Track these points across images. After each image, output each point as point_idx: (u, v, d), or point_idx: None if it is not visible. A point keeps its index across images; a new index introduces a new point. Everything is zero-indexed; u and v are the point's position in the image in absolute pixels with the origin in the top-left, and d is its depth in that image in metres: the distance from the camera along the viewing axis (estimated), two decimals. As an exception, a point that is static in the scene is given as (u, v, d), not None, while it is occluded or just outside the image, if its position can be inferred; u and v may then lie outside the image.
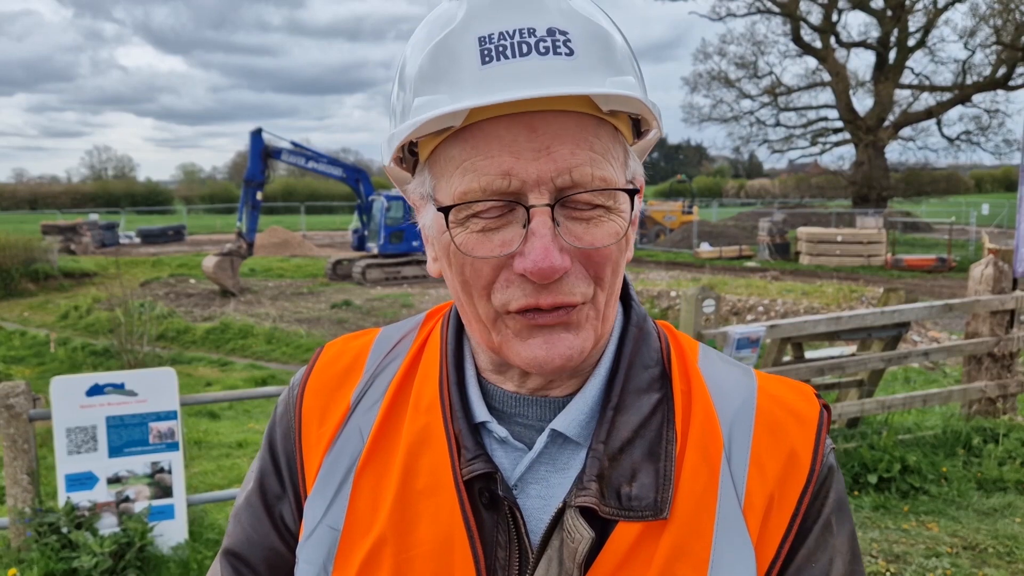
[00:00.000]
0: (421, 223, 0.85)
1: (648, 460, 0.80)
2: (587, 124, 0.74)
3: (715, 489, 0.80)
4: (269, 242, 29.16)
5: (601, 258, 0.76)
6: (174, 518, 4.50)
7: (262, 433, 8.23)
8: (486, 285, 0.77)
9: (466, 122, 0.73)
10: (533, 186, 0.73)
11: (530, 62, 0.72)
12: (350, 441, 0.88)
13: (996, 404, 6.17)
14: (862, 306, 15.24)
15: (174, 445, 4.51)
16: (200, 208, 55.20)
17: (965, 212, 35.55)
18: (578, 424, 0.83)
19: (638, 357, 0.86)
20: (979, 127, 35.91)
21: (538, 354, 0.77)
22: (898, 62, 35.15)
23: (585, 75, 0.73)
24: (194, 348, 15.24)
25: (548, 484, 0.82)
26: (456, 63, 0.74)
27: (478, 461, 0.81)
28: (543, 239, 0.73)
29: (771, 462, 0.82)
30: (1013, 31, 32.20)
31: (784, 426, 0.85)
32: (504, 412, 0.86)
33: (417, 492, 0.83)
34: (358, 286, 21.51)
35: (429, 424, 0.85)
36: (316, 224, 45.39)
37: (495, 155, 0.73)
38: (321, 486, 0.88)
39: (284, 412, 0.96)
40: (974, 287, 6.20)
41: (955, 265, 23.20)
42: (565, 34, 0.73)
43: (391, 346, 0.96)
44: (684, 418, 0.83)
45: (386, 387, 0.91)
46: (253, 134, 20.32)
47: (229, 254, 20.08)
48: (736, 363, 0.93)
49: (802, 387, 0.91)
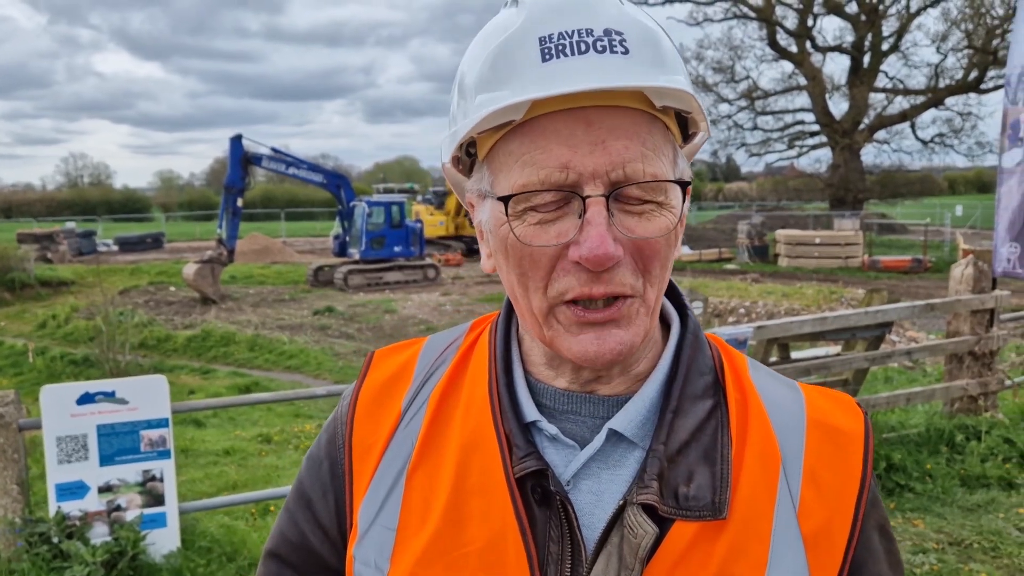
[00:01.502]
0: (478, 220, 0.88)
1: (704, 463, 0.83)
2: (640, 121, 0.78)
3: (773, 495, 0.83)
4: (249, 249, 28.98)
5: (651, 251, 0.80)
6: (166, 526, 4.47)
7: (248, 440, 8.20)
8: (544, 276, 0.80)
9: (526, 117, 0.77)
10: (589, 179, 0.76)
11: (588, 59, 0.76)
12: (402, 445, 0.91)
13: (977, 402, 6.27)
14: (842, 307, 15.41)
15: (166, 453, 4.49)
16: (178, 215, 54.71)
17: (939, 213, 36.04)
18: (635, 424, 0.85)
19: (695, 364, 0.89)
20: (952, 130, 36.35)
21: (589, 348, 0.80)
22: (872, 66, 35.57)
23: (640, 72, 0.77)
24: (175, 356, 15.13)
25: (600, 480, 0.85)
26: (518, 62, 0.78)
27: (530, 459, 0.84)
28: (598, 227, 0.76)
29: (824, 476, 0.86)
30: (984, 35, 32.69)
31: (834, 442, 0.88)
32: (554, 409, 0.88)
33: (469, 491, 0.85)
34: (340, 292, 21.45)
35: (480, 425, 0.88)
36: (296, 230, 45.17)
37: (553, 148, 0.77)
38: (375, 489, 0.91)
39: (332, 421, 1.00)
40: (955, 287, 6.31)
41: (931, 266, 23.52)
42: (621, 34, 0.77)
43: (438, 353, 0.99)
44: (740, 425, 0.87)
45: (432, 391, 0.94)
46: (233, 140, 20.21)
47: (209, 261, 19.95)
48: (781, 377, 0.97)
49: (844, 399, 0.94)
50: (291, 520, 1.00)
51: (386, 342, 15.93)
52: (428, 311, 18.30)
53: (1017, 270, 5.97)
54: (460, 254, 28.88)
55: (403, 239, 23.49)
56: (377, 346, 15.43)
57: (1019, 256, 5.98)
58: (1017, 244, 5.94)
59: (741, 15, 35.88)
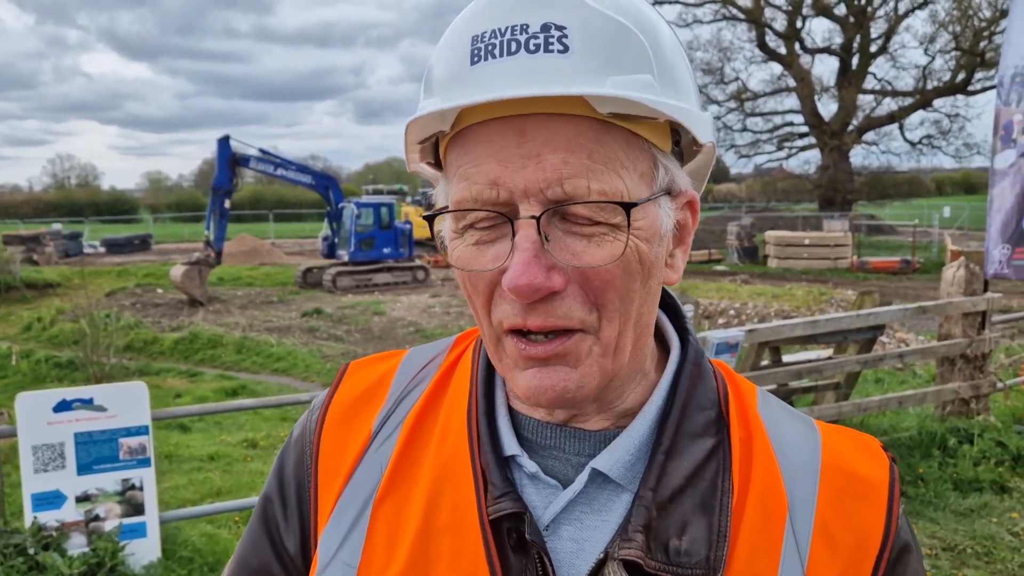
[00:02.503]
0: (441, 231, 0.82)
1: (700, 512, 0.74)
2: (588, 129, 0.67)
3: (777, 552, 0.73)
4: (237, 250, 28.81)
5: (601, 281, 0.69)
6: (146, 536, 4.37)
7: (234, 446, 8.11)
8: (484, 303, 0.73)
9: (459, 126, 0.70)
10: (521, 197, 0.67)
11: (517, 61, 0.66)
12: (370, 472, 0.83)
13: (969, 405, 6.23)
14: (832, 308, 15.40)
15: (145, 461, 4.39)
16: (166, 217, 54.43)
17: (927, 214, 36.18)
18: (622, 465, 0.76)
19: (694, 397, 0.79)
20: (940, 131, 36.50)
21: (533, 383, 0.71)
22: (861, 68, 35.68)
23: (580, 74, 0.66)
24: (162, 359, 14.97)
25: (583, 527, 0.75)
26: (450, 64, 0.71)
27: (506, 499, 0.75)
28: (523, 254, 0.67)
29: (839, 533, 0.76)
30: (972, 37, 32.86)
31: (853, 492, 0.78)
32: (535, 443, 0.80)
33: (438, 529, 0.77)
34: (329, 294, 21.32)
35: (454, 456, 0.79)
36: (285, 232, 44.98)
37: (483, 162, 0.68)
38: (337, 519, 0.82)
39: (300, 436, 0.90)
40: (946, 289, 6.27)
41: (919, 267, 23.57)
42: (562, 29, 0.66)
43: (417, 369, 0.90)
44: (743, 469, 0.77)
45: (407, 414, 0.85)
46: (220, 141, 20.07)
47: (197, 263, 19.77)
48: (796, 412, 0.87)
49: (868, 442, 0.84)
50: (253, 544, 0.90)
51: (375, 344, 15.88)
52: (417, 313, 18.19)
53: (1006, 271, 5.94)
54: (450, 255, 28.77)
55: (392, 241, 23.38)
56: (366, 349, 15.31)
57: (1009, 257, 5.94)
58: (1009, 246, 5.91)
59: (730, 17, 35.93)
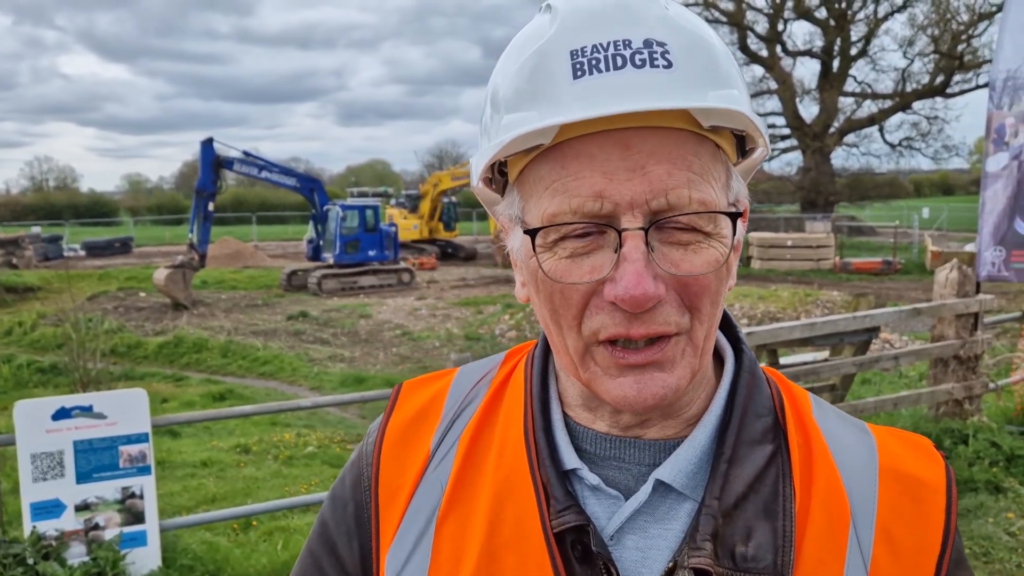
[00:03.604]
0: (509, 246, 0.81)
1: (764, 518, 0.75)
2: (686, 142, 0.70)
3: (842, 555, 0.74)
4: (221, 253, 28.58)
5: (699, 288, 0.71)
6: (147, 545, 4.32)
7: (226, 451, 8.04)
8: (576, 315, 0.72)
9: (557, 140, 0.69)
10: (626, 208, 0.68)
11: (624, 75, 0.67)
12: (431, 490, 0.84)
13: (963, 406, 6.29)
14: (818, 310, 15.52)
15: (146, 469, 4.34)
16: (147, 219, 53.87)
17: (907, 216, 36.52)
18: (685, 474, 0.77)
19: (751, 405, 0.81)
20: (919, 133, 36.88)
21: (628, 393, 0.72)
22: (842, 70, 36.00)
23: (684, 89, 0.68)
24: (146, 363, 14.83)
25: (647, 536, 0.77)
26: (547, 79, 0.70)
27: (569, 512, 0.76)
28: (635, 264, 0.68)
29: (902, 537, 0.77)
30: (950, 40, 33.23)
31: (912, 494, 0.79)
32: (595, 455, 0.81)
33: (502, 544, 0.78)
34: (314, 297, 21.22)
35: (514, 471, 0.80)
36: (268, 234, 44.71)
37: (586, 176, 0.69)
38: (402, 537, 0.83)
39: (357, 459, 0.93)
40: (939, 291, 6.33)
41: (900, 267, 23.81)
42: (663, 45, 0.69)
43: (470, 387, 0.92)
44: (804, 474, 0.78)
45: (463, 430, 0.87)
46: (204, 144, 19.94)
47: (181, 266, 19.61)
48: (849, 416, 0.88)
49: (922, 443, 0.85)
50: (315, 565, 0.92)
51: (362, 347, 15.82)
52: (403, 315, 18.15)
53: (1003, 273, 6.00)
54: (434, 258, 28.75)
55: (377, 243, 23.32)
56: (352, 352, 15.23)
57: (1004, 260, 6.01)
58: (1002, 248, 5.97)
59: (712, 19, 36.10)
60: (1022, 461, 5.77)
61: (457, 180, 30.77)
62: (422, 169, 72.59)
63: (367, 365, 13.90)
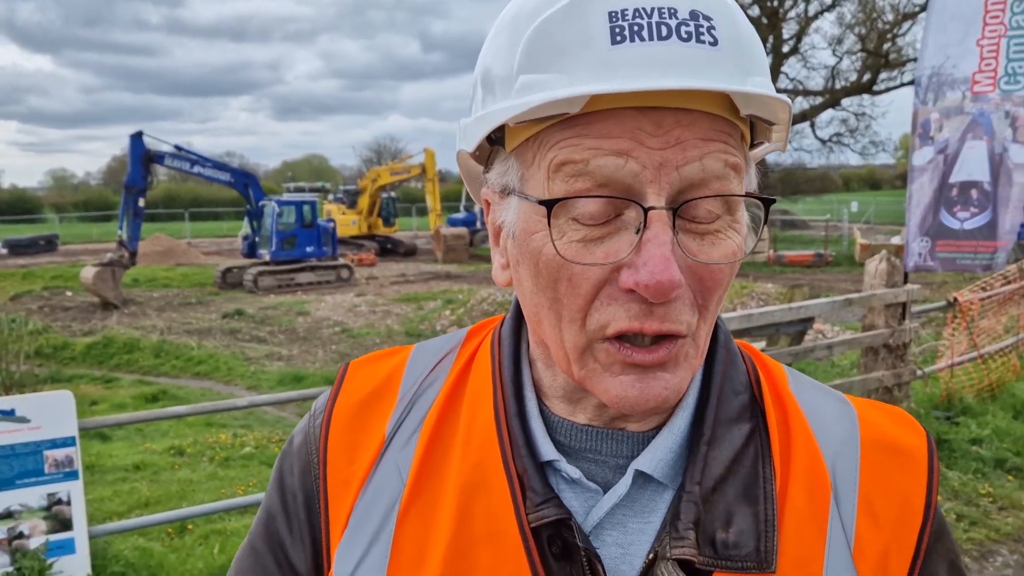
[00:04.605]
0: (499, 220, 0.73)
1: (744, 501, 0.71)
2: (720, 125, 0.65)
3: (823, 534, 0.71)
4: (152, 250, 27.81)
5: (713, 281, 0.66)
6: (75, 553, 4.16)
7: (159, 454, 7.81)
8: (583, 305, 0.66)
9: (582, 110, 0.62)
10: (654, 177, 0.62)
11: (669, 47, 0.61)
12: (388, 479, 0.77)
13: (892, 393, 6.49)
14: (753, 301, 15.85)
15: (73, 474, 4.17)
16: (73, 216, 52.10)
17: (837, 209, 37.58)
18: (666, 463, 0.73)
19: (728, 382, 0.77)
20: (848, 129, 37.97)
21: (630, 393, 0.66)
22: (774, 67, 36.78)
23: (728, 69, 0.63)
24: (74, 365, 14.33)
25: (626, 530, 0.72)
26: (578, 39, 0.62)
27: (548, 506, 0.71)
28: (662, 248, 0.62)
29: (883, 507, 0.74)
30: (876, 39, 34.28)
31: (894, 465, 0.76)
32: (570, 447, 0.75)
33: (473, 539, 0.72)
34: (250, 294, 20.81)
35: (483, 461, 0.74)
36: (202, 231, 43.68)
37: (613, 135, 0.62)
38: (354, 531, 0.76)
39: (303, 444, 0.84)
40: (869, 281, 6.51)
41: (831, 260, 24.49)
42: (709, 20, 0.63)
43: (429, 367, 0.85)
44: (783, 452, 0.74)
45: (424, 415, 0.79)
46: (133, 138, 19.34)
47: (110, 264, 18.99)
48: (827, 388, 0.84)
49: (902, 415, 0.82)
50: (258, 563, 0.83)
51: (300, 345, 15.55)
52: (343, 312, 17.91)
53: (929, 263, 6.21)
54: (374, 254, 28.47)
55: (315, 239, 22.99)
56: (291, 350, 14.98)
57: (930, 250, 6.21)
58: (928, 239, 6.17)
59: (649, 16, 36.56)
60: (948, 445, 5.97)
61: (396, 175, 30.51)
62: (360, 164, 71.82)
63: (305, 363, 13.68)
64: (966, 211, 6.02)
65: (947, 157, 6.06)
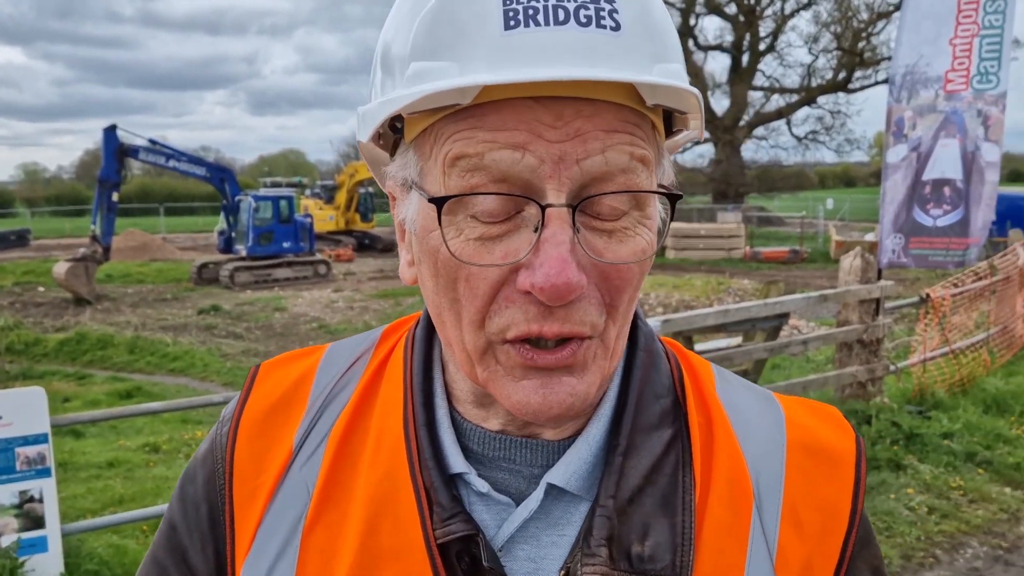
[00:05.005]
0: (401, 216, 0.69)
1: (662, 512, 0.68)
2: (628, 117, 0.61)
3: (744, 547, 0.69)
4: (126, 246, 27.51)
5: (621, 280, 0.63)
6: (47, 551, 4.11)
7: (134, 451, 7.74)
8: (481, 307, 0.62)
9: (476, 100, 0.59)
10: (552, 172, 0.58)
11: (567, 33, 0.57)
12: (294, 493, 0.74)
13: (866, 388, 6.57)
14: (730, 297, 15.97)
15: (45, 471, 4.12)
16: (46, 211, 51.44)
17: (812, 206, 37.91)
18: (580, 475, 0.70)
19: (648, 386, 0.73)
20: (824, 127, 38.37)
21: (532, 399, 0.63)
22: (751, 65, 37.07)
23: (632, 58, 0.59)
24: (46, 361, 14.14)
25: (539, 544, 0.70)
26: (470, 24, 0.59)
27: (456, 521, 0.68)
28: (559, 248, 0.58)
29: (808, 515, 0.72)
30: (851, 38, 34.63)
31: (821, 470, 0.74)
32: (483, 456, 0.72)
33: (379, 555, 0.69)
34: (226, 290, 20.64)
35: (392, 473, 0.71)
36: (177, 226, 43.27)
37: (508, 128, 0.58)
38: (261, 546, 0.73)
39: (209, 453, 0.80)
40: (844, 278, 6.58)
41: (807, 256, 24.71)
42: (612, 2, 0.59)
43: (341, 371, 0.81)
44: (704, 459, 0.72)
45: (333, 424, 0.76)
46: (107, 131, 19.10)
47: (83, 259, 18.77)
48: (755, 387, 0.81)
49: (831, 413, 0.79)
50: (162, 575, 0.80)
51: (277, 341, 15.46)
52: (320, 308, 17.82)
53: (902, 260, 6.29)
54: (351, 249, 28.33)
55: (292, 234, 22.84)
56: (267, 347, 14.89)
57: (903, 247, 6.29)
58: (902, 235, 6.25)
59: (627, 12, 36.64)
60: (920, 439, 6.06)
61: (374, 170, 30.35)
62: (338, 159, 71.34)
63: (282, 359, 13.58)
64: (939, 208, 6.11)
65: (920, 155, 6.14)
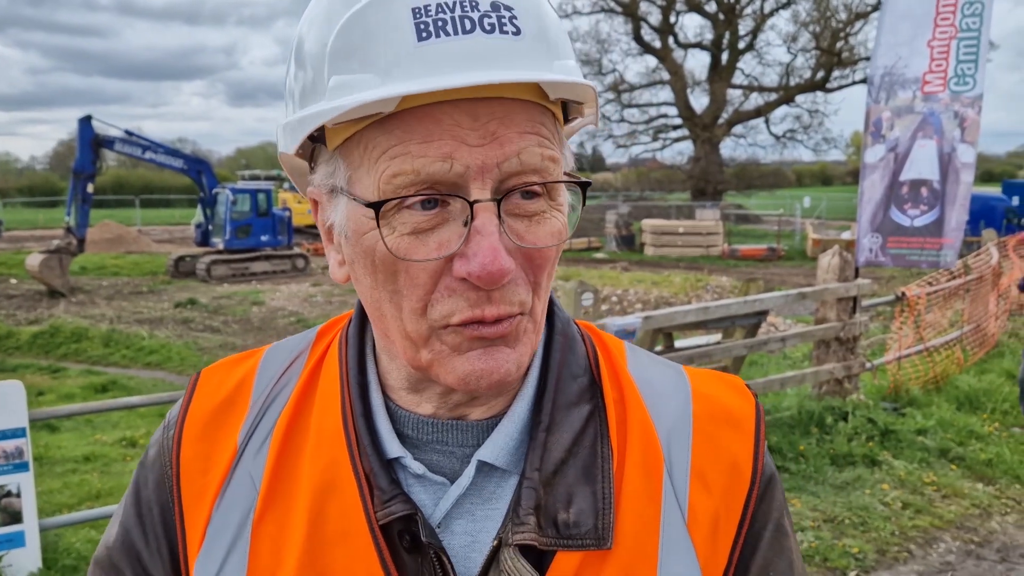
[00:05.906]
0: (329, 221, 0.74)
1: (584, 481, 0.74)
2: (534, 113, 0.68)
3: (658, 508, 0.75)
4: (101, 238, 27.22)
5: (542, 260, 0.70)
6: (25, 546, 4.07)
7: (110, 445, 7.67)
8: (423, 297, 0.68)
9: (399, 108, 0.64)
10: (477, 174, 0.65)
11: (474, 41, 0.64)
12: (241, 489, 0.78)
13: (843, 384, 6.65)
14: (708, 294, 16.07)
15: (23, 465, 4.08)
16: (18, 201, 50.66)
17: (789, 204, 38.24)
18: (507, 451, 0.76)
19: (566, 367, 0.79)
20: (801, 126, 38.70)
21: (476, 366, 0.69)
22: (730, 63, 37.29)
23: (533, 58, 0.66)
24: (19, 354, 13.95)
25: (475, 519, 0.75)
26: (385, 38, 0.64)
27: (395, 502, 0.73)
28: (490, 238, 0.65)
29: (713, 474, 0.78)
30: (830, 37, 34.92)
31: (723, 432, 0.80)
32: (417, 440, 0.77)
33: (327, 540, 0.74)
34: (203, 283, 20.48)
35: (333, 462, 0.76)
36: (153, 218, 42.84)
37: (434, 139, 0.64)
38: (211, 542, 0.77)
39: (157, 456, 0.84)
40: (822, 276, 6.65)
41: (784, 254, 24.93)
42: (511, 9, 0.65)
43: (280, 371, 0.85)
44: (620, 431, 0.78)
45: (276, 421, 0.81)
46: (82, 121, 18.83)
47: (57, 251, 18.51)
48: (665, 361, 0.88)
49: (733, 381, 0.86)
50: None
51: (255, 335, 15.35)
52: (298, 302, 17.72)
53: (880, 258, 6.36)
54: (330, 243, 28.17)
55: (270, 228, 22.68)
56: (245, 340, 14.78)
57: (881, 246, 6.37)
58: (879, 235, 6.33)
59: (608, 9, 36.73)
60: (895, 436, 6.15)
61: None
62: (316, 152, 70.83)
63: (260, 353, 13.50)
64: (916, 208, 6.19)
65: (898, 155, 6.22)
